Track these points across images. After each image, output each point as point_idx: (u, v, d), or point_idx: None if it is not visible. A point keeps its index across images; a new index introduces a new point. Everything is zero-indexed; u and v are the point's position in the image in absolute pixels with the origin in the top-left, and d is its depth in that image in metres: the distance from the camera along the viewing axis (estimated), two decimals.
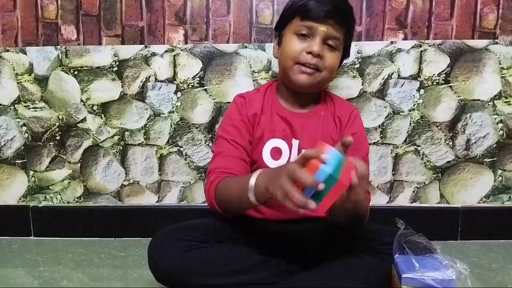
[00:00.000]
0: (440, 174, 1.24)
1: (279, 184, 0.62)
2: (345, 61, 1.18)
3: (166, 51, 1.20)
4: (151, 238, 0.85)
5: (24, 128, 1.25)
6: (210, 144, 1.23)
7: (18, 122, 1.25)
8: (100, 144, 1.25)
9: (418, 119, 1.21)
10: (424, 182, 1.24)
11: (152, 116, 1.23)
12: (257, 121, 0.92)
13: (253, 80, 1.21)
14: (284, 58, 0.90)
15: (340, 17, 0.86)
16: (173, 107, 1.23)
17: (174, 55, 1.21)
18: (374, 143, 1.22)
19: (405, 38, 1.19)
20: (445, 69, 1.19)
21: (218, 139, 0.93)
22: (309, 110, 0.94)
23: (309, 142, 0.90)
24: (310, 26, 0.86)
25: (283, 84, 0.95)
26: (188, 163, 1.25)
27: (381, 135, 1.22)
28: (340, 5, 0.87)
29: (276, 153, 0.90)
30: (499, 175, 1.23)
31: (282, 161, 0.90)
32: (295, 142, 0.90)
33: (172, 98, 1.22)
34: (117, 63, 1.21)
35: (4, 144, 1.26)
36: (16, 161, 1.27)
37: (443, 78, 1.20)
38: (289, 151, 0.90)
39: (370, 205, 0.89)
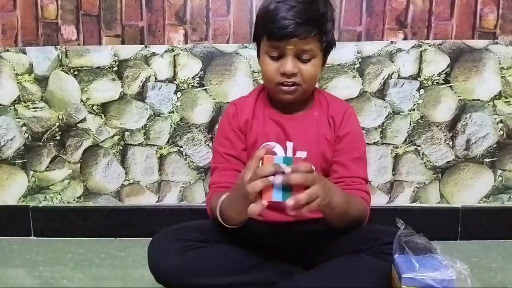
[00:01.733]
0: (440, 174, 1.24)
1: (244, 191, 0.66)
2: (345, 61, 1.19)
3: (166, 51, 1.20)
4: (151, 238, 0.85)
5: (24, 128, 1.25)
6: (210, 144, 1.23)
7: (18, 122, 1.25)
8: (100, 144, 1.25)
9: (418, 119, 1.21)
10: (424, 182, 1.24)
11: (152, 116, 1.23)
12: (249, 127, 0.92)
13: (253, 80, 1.21)
14: (264, 79, 0.90)
15: (305, 32, 0.80)
16: (173, 107, 1.23)
17: (174, 55, 1.20)
18: (374, 143, 1.22)
19: (405, 38, 1.19)
20: (445, 69, 1.19)
21: (213, 152, 0.96)
22: (302, 112, 0.94)
23: (303, 144, 0.89)
24: (277, 46, 0.83)
25: None
26: (188, 163, 1.25)
27: (381, 135, 1.22)
28: (303, 18, 0.80)
29: None
30: (499, 175, 1.23)
31: None
32: (289, 144, 0.90)
33: (172, 98, 1.22)
34: (117, 63, 1.21)
35: (4, 144, 1.26)
36: (16, 161, 1.27)
37: (443, 78, 1.20)
38: (284, 153, 0.90)
39: (370, 205, 0.89)
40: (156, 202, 1.27)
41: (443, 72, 1.20)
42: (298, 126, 0.91)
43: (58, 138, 1.25)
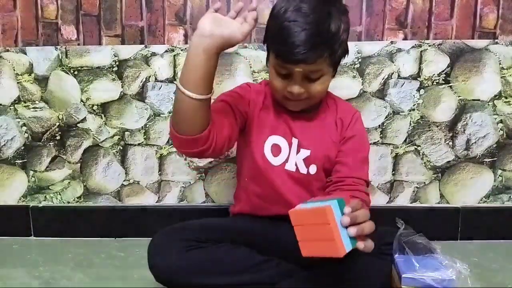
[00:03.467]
0: (440, 174, 1.24)
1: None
2: (345, 61, 1.19)
3: (166, 51, 1.20)
4: (151, 238, 0.85)
5: (24, 128, 1.25)
6: None
7: (18, 122, 1.25)
8: (100, 144, 1.25)
9: (418, 119, 1.21)
10: (424, 182, 1.24)
11: (152, 116, 1.23)
12: (257, 112, 0.91)
13: (253, 80, 1.21)
14: (271, 89, 0.89)
15: (314, 57, 0.78)
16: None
17: (174, 55, 1.20)
18: (374, 143, 1.22)
19: (405, 38, 1.19)
20: (445, 69, 1.19)
21: None
22: (311, 113, 0.94)
23: (308, 142, 0.90)
24: (285, 67, 0.81)
25: None
26: (188, 163, 1.25)
27: (381, 135, 1.22)
28: (312, 42, 0.76)
29: (275, 149, 0.90)
30: (499, 175, 1.23)
31: (282, 157, 0.90)
32: (295, 141, 0.90)
33: (172, 98, 1.22)
34: (117, 63, 1.21)
35: (4, 144, 1.26)
36: (16, 161, 1.27)
37: (443, 78, 1.20)
38: (288, 149, 0.90)
39: (369, 206, 0.89)
40: (156, 202, 1.27)
41: (443, 72, 1.20)
42: (304, 125, 0.92)
43: (58, 138, 1.25)
